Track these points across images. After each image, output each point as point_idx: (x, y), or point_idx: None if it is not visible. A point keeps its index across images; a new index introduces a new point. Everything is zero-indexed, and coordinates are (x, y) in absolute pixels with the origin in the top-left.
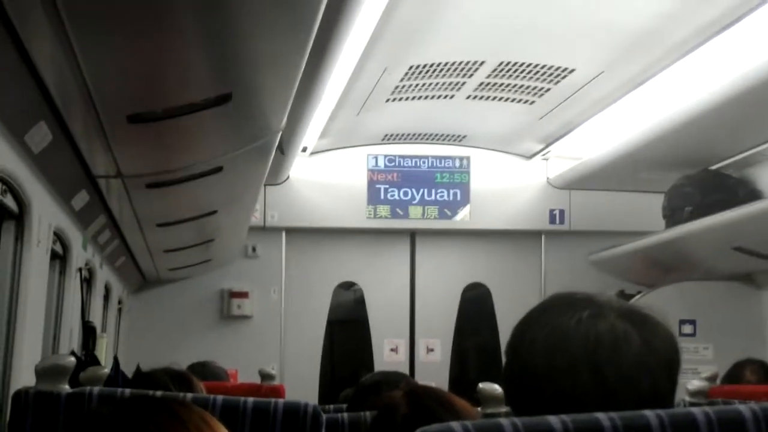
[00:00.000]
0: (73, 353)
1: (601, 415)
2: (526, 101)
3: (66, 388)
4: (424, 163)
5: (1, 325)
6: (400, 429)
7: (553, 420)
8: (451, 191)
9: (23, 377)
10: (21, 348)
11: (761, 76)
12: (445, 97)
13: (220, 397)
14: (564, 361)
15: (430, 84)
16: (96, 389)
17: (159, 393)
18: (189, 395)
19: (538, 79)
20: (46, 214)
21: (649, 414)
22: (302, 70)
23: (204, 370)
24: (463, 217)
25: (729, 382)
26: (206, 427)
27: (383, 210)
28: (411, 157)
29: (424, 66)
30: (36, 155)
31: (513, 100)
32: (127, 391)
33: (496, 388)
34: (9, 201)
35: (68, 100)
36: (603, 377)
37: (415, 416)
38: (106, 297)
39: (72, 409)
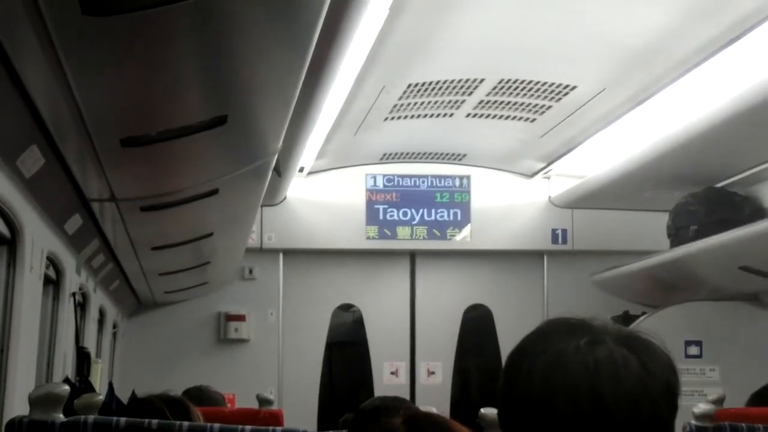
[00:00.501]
0: (67, 379)
1: None
2: (527, 119)
3: (60, 417)
4: (423, 182)
5: None
6: None
7: None
8: (452, 211)
9: (17, 405)
10: (14, 375)
11: (765, 92)
12: (445, 115)
13: (217, 426)
14: (564, 389)
15: (429, 102)
16: (91, 418)
17: (155, 421)
18: (186, 424)
19: (538, 96)
20: (39, 238)
21: None
22: (299, 91)
23: (200, 395)
24: (463, 238)
25: (757, 404)
26: None
27: (382, 230)
28: (410, 176)
29: (423, 84)
30: (28, 180)
31: (513, 118)
32: (123, 420)
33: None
34: (1, 226)
35: (60, 123)
36: (603, 404)
37: None
38: (101, 321)
39: None
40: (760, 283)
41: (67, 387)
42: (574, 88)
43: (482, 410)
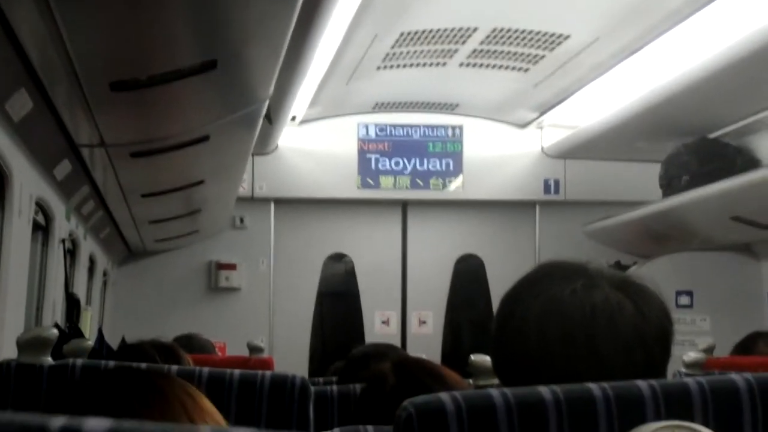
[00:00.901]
0: (56, 326)
1: (592, 385)
2: (520, 69)
3: (48, 360)
4: (415, 132)
5: None
6: (389, 400)
7: (544, 390)
8: (444, 161)
9: (5, 349)
10: (3, 320)
11: (760, 42)
12: (437, 64)
13: (206, 370)
14: (559, 333)
15: (422, 51)
16: (79, 361)
17: (144, 364)
18: (174, 367)
19: (532, 45)
20: (28, 183)
21: (642, 384)
22: (289, 36)
23: (190, 343)
24: (455, 188)
25: (741, 353)
26: (189, 399)
27: (374, 180)
28: (402, 126)
29: (416, 33)
30: (16, 124)
31: (507, 68)
32: (111, 363)
33: (488, 359)
34: None
35: (49, 66)
36: (598, 349)
37: (404, 387)
38: (91, 269)
39: (55, 381)
40: (752, 234)
41: (55, 331)
42: (567, 37)
43: (472, 356)
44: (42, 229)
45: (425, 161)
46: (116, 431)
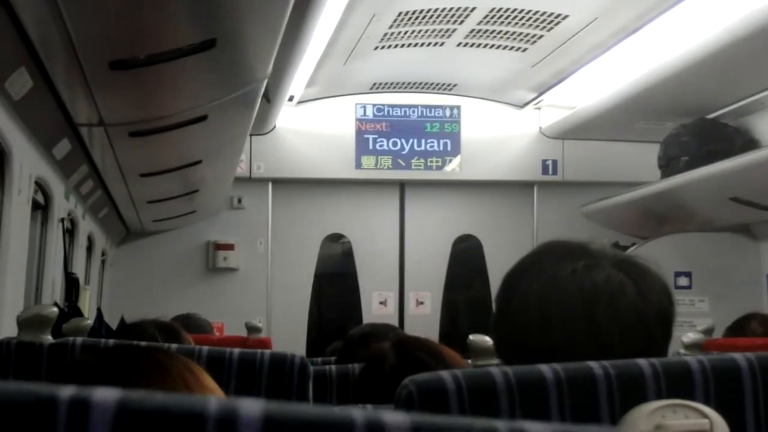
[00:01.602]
0: (55, 304)
1: (593, 364)
2: (518, 48)
3: (48, 338)
4: (413, 112)
5: None
6: (389, 379)
7: (545, 369)
8: (442, 141)
9: (5, 328)
10: (3, 299)
11: (759, 23)
12: (435, 44)
13: (205, 348)
14: (559, 312)
15: (420, 31)
16: (79, 340)
17: (143, 343)
18: (174, 346)
19: (530, 25)
20: (27, 162)
21: (643, 363)
22: (288, 16)
23: (188, 323)
24: (453, 168)
25: (733, 334)
26: (191, 376)
27: (372, 160)
28: (400, 106)
29: (414, 12)
30: (16, 102)
31: (505, 48)
32: (111, 341)
33: (487, 340)
34: None
35: (49, 45)
36: (598, 328)
37: (404, 366)
38: (90, 249)
39: (55, 359)
40: (751, 215)
41: (55, 309)
42: (566, 17)
43: (471, 337)
44: (41, 208)
45: (423, 141)
46: (125, 401)
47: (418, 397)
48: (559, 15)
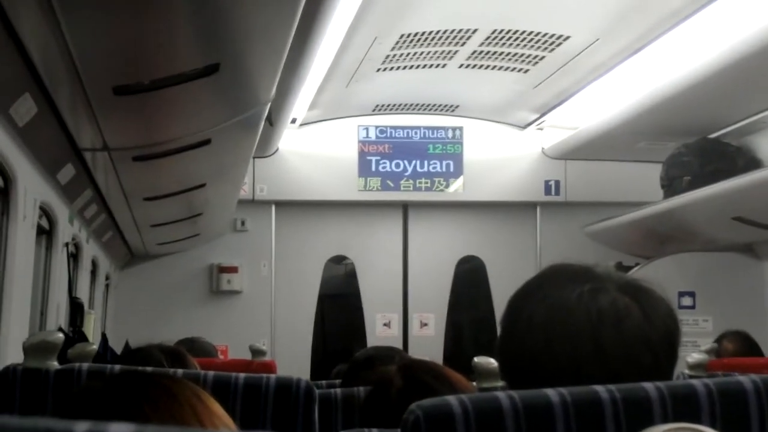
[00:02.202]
0: (60, 329)
1: (599, 388)
2: (520, 70)
3: (55, 364)
4: (416, 133)
5: None
6: (395, 403)
7: (551, 393)
8: (444, 162)
9: (10, 353)
10: (8, 324)
11: (760, 42)
12: (437, 66)
13: (211, 373)
14: (566, 336)
15: (422, 53)
16: (85, 365)
17: (149, 368)
18: (179, 371)
19: (532, 46)
20: (32, 188)
21: (649, 386)
22: (291, 40)
23: (192, 347)
24: (456, 189)
25: (715, 356)
26: (199, 402)
27: (374, 182)
28: (403, 127)
29: (416, 34)
30: (21, 128)
31: (507, 69)
32: (117, 367)
33: (492, 362)
34: None
35: (53, 71)
36: (604, 352)
37: (410, 390)
38: (94, 272)
39: (61, 385)
40: (753, 234)
41: (61, 335)
42: (567, 38)
43: (476, 359)
44: (45, 233)
45: (426, 163)
46: None
47: (425, 423)
48: (560, 36)
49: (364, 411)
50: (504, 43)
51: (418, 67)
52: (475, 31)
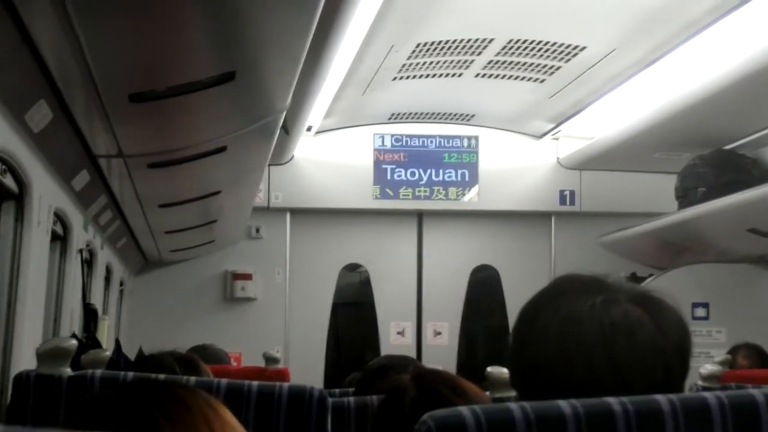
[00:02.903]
0: (74, 336)
1: (612, 400)
2: (536, 80)
3: (68, 371)
4: (431, 142)
5: (2, 306)
6: (409, 413)
7: (564, 405)
8: (459, 171)
9: (23, 360)
10: (21, 330)
11: None
12: (454, 75)
13: (224, 381)
14: (579, 348)
15: (438, 62)
16: (98, 372)
17: (162, 376)
18: (192, 379)
19: (548, 57)
20: (47, 194)
21: (661, 399)
22: (307, 48)
23: (204, 354)
24: (471, 198)
25: (728, 367)
26: (211, 411)
27: (390, 190)
28: (418, 136)
29: (432, 43)
30: (36, 135)
31: (523, 79)
32: (130, 374)
33: (505, 371)
34: (9, 181)
35: (69, 78)
36: (617, 363)
37: (424, 400)
38: (108, 279)
39: (74, 392)
40: None
41: (74, 341)
42: (583, 48)
43: (489, 369)
44: (60, 239)
45: (441, 171)
46: None
47: None
48: (576, 46)
49: (377, 420)
50: (520, 53)
51: (434, 76)
52: (491, 40)
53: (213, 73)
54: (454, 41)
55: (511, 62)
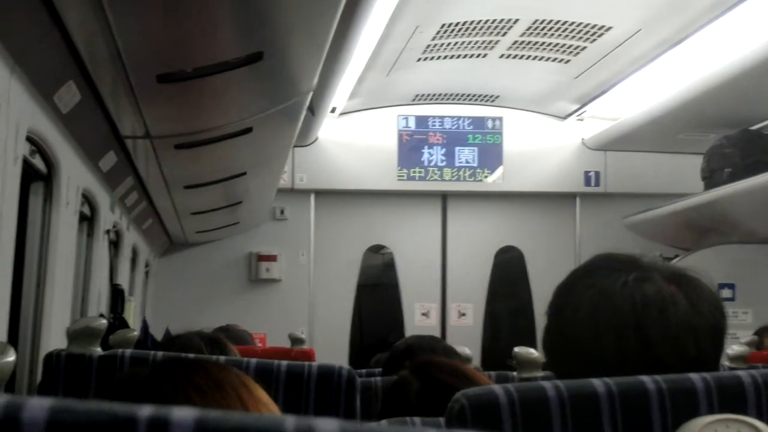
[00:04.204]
0: (101, 316)
1: (646, 378)
2: (561, 60)
3: (98, 350)
4: (455, 123)
5: (31, 286)
6: (416, 405)
7: (597, 383)
8: (484, 153)
9: (53, 339)
10: (50, 310)
11: None
12: (478, 56)
13: (253, 360)
14: (610, 325)
15: (463, 43)
16: (128, 352)
17: (191, 355)
18: (222, 358)
19: (573, 37)
20: (75, 175)
21: (695, 377)
22: (334, 29)
23: (227, 335)
24: (495, 179)
25: (755, 348)
26: (244, 389)
27: (414, 172)
28: (443, 117)
29: (457, 24)
30: (64, 115)
31: (548, 59)
32: (160, 353)
33: (532, 352)
34: (38, 162)
35: (97, 59)
36: (649, 341)
37: (429, 390)
38: (133, 260)
39: (104, 371)
40: None
41: (104, 321)
42: (609, 28)
43: (516, 349)
44: (87, 219)
45: (465, 153)
46: (204, 420)
47: (470, 411)
48: (602, 27)
49: (382, 415)
50: (545, 34)
51: (458, 56)
52: (516, 21)
53: (240, 53)
54: (479, 22)
55: (536, 43)
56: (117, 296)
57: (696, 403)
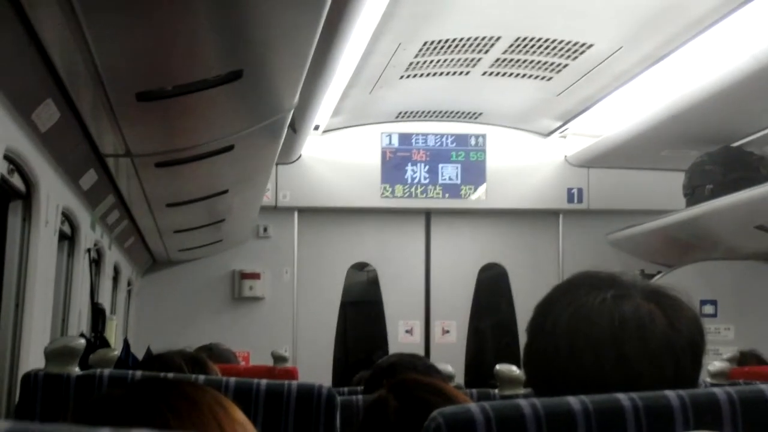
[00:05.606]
0: (82, 335)
1: (621, 396)
2: (544, 77)
3: (76, 370)
4: (439, 141)
5: (10, 306)
6: (394, 423)
7: (573, 401)
8: (467, 170)
9: (32, 359)
10: (29, 330)
11: None
12: (461, 73)
13: (233, 380)
14: (588, 343)
15: (445, 60)
16: (107, 371)
17: (171, 374)
18: (201, 377)
19: (555, 54)
20: (54, 193)
21: (671, 395)
22: (315, 46)
23: (210, 354)
24: (479, 196)
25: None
26: (221, 409)
27: (397, 189)
28: (426, 134)
29: (439, 42)
30: (43, 134)
31: (530, 77)
32: (138, 373)
33: (514, 369)
34: (16, 180)
35: (76, 77)
36: (627, 359)
37: (408, 408)
38: (115, 278)
39: (82, 391)
40: None
41: (83, 341)
42: (591, 46)
43: (498, 366)
44: (68, 238)
45: (449, 170)
46: None
47: (446, 430)
48: (584, 44)
49: None
50: (527, 51)
51: (441, 74)
52: (498, 38)
53: (220, 71)
54: (461, 39)
55: (519, 60)
56: (98, 315)
57: (672, 420)
